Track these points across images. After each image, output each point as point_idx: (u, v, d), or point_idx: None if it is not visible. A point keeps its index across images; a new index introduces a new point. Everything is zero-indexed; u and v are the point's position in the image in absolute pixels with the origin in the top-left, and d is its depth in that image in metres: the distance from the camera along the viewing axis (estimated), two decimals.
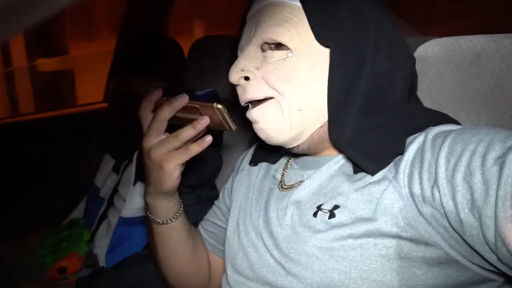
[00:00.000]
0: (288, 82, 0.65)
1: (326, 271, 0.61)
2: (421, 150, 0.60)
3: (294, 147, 0.70)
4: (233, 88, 0.73)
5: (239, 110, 0.75)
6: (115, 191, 1.41)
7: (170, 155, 0.67)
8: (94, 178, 1.56)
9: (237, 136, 1.30)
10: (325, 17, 0.64)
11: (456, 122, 0.67)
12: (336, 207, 0.64)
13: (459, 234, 0.55)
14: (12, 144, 1.82)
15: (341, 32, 0.63)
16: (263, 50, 0.68)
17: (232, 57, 0.74)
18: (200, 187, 1.22)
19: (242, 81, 0.68)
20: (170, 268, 0.84)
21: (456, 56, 0.78)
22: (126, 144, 1.41)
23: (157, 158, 0.67)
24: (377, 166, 0.63)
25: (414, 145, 0.62)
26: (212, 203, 0.97)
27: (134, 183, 1.27)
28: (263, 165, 0.84)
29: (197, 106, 0.66)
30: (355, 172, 0.65)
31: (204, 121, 0.65)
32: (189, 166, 1.20)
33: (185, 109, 0.67)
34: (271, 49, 0.67)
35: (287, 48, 0.65)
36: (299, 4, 0.65)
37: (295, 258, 0.65)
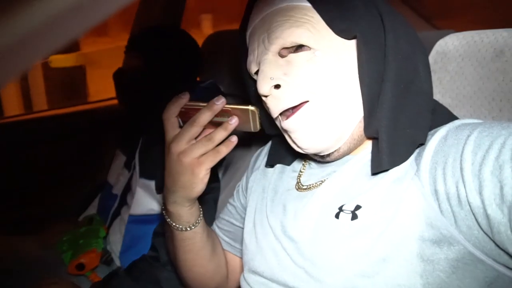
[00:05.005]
0: (320, 81, 0.63)
1: (349, 277, 0.60)
2: (443, 144, 0.58)
3: (335, 151, 0.67)
4: (239, 86, 0.72)
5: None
6: (127, 188, 1.41)
7: (202, 159, 0.65)
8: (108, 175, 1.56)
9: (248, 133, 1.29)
10: (338, 11, 0.62)
11: None
12: (358, 207, 0.62)
13: (484, 232, 0.53)
14: (27, 141, 1.83)
15: (359, 22, 0.62)
16: (282, 56, 0.65)
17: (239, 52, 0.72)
18: None
19: (273, 90, 0.65)
20: (193, 271, 0.84)
21: (477, 51, 0.76)
22: (136, 141, 1.40)
23: (188, 162, 0.65)
24: (397, 159, 0.61)
25: (434, 139, 0.60)
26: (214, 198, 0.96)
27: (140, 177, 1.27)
28: (279, 165, 0.82)
29: (229, 109, 0.64)
30: (373, 171, 0.63)
31: (234, 122, 0.64)
32: None
33: None
34: (291, 52, 0.64)
35: (309, 48, 0.63)
36: (309, 4, 0.63)
37: (318, 262, 0.63)
